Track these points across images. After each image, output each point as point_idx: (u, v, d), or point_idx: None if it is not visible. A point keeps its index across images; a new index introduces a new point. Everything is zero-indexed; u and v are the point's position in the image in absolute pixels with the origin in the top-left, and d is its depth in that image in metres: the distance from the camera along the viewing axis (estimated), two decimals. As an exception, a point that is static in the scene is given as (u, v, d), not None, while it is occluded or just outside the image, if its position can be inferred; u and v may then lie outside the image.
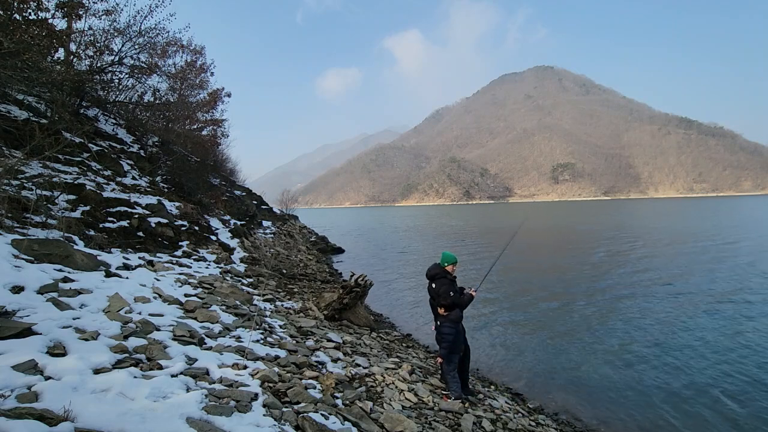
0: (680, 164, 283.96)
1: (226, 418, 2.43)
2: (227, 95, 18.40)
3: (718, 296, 10.12)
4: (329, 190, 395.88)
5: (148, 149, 13.12)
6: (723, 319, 8.34)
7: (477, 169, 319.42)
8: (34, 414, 1.88)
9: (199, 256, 8.23)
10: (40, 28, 8.02)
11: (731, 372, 5.97)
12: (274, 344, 4.49)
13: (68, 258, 4.62)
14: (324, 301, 7.83)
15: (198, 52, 16.42)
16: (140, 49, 11.03)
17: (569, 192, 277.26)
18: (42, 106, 9.11)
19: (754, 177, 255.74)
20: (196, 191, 13.14)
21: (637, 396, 5.43)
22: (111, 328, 3.36)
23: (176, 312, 4.46)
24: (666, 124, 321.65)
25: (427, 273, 4.72)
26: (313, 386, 3.50)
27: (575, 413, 5.11)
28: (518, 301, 10.52)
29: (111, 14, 10.16)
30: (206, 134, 19.12)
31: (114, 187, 8.34)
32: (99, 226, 6.85)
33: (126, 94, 13.41)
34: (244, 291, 6.74)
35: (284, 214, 29.65)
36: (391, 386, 4.20)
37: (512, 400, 5.18)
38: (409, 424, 3.28)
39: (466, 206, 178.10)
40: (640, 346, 7.07)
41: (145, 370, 2.84)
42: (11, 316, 3.06)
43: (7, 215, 5.21)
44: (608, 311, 9.25)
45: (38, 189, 6.19)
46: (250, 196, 24.23)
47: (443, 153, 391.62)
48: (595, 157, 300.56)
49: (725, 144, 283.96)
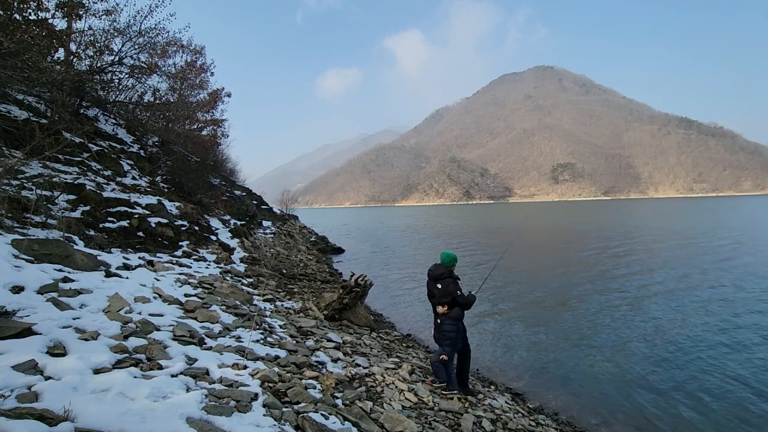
0: (680, 164, 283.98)
1: (226, 418, 2.43)
2: (227, 95, 18.41)
3: (720, 296, 10.11)
4: (329, 190, 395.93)
5: (148, 149, 13.12)
6: (724, 319, 8.33)
7: (477, 169, 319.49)
8: (34, 414, 1.88)
9: (199, 256, 8.23)
10: (40, 28, 8.02)
11: (733, 372, 5.96)
12: (274, 344, 4.49)
13: (68, 258, 4.61)
14: (324, 301, 7.83)
15: (198, 52, 16.42)
16: (140, 49, 11.03)
17: (569, 192, 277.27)
18: (42, 106, 9.11)
19: (754, 177, 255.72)
20: (196, 191, 13.14)
21: (637, 396, 5.43)
22: (111, 328, 3.36)
23: (176, 312, 4.46)
24: (666, 124, 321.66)
25: (430, 273, 4.71)
26: (313, 386, 3.50)
27: (575, 413, 5.11)
28: (518, 301, 10.52)
29: (111, 14, 10.16)
30: (206, 134, 19.11)
31: (114, 187, 8.34)
32: (99, 226, 6.85)
33: (126, 94, 13.41)
34: (244, 291, 6.74)
35: (284, 214, 29.64)
36: (391, 386, 4.20)
37: (512, 400, 5.18)
38: (409, 424, 3.28)
39: (466, 206, 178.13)
40: (641, 347, 7.07)
41: (145, 370, 2.84)
42: (11, 316, 3.06)
43: (7, 215, 5.21)
44: (608, 311, 9.25)
45: (38, 189, 6.19)
46: (250, 196, 24.23)
47: (443, 153, 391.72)
48: (595, 157, 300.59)
49: (725, 144, 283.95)
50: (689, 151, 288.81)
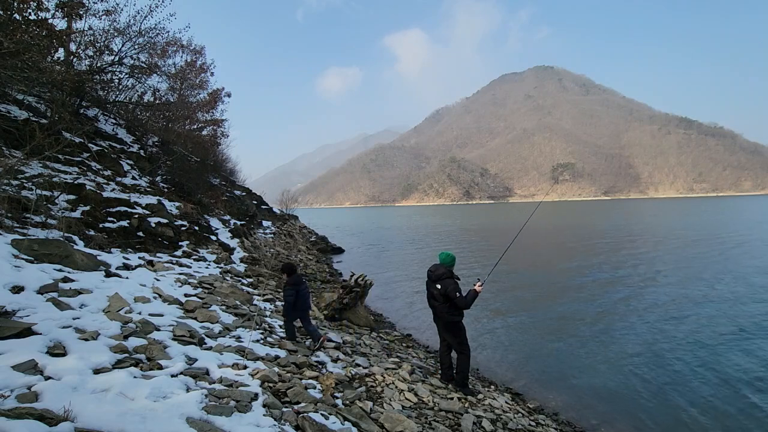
0: (680, 164, 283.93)
1: (226, 418, 2.43)
2: (227, 95, 18.39)
3: (721, 297, 10.11)
4: (329, 190, 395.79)
5: (148, 149, 13.12)
6: (727, 319, 8.33)
7: (477, 169, 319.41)
8: (34, 414, 1.88)
9: (199, 256, 8.23)
10: (40, 28, 8.01)
11: (734, 372, 5.96)
12: (274, 344, 4.49)
13: (68, 258, 4.62)
14: (324, 301, 7.83)
15: (198, 52, 16.42)
16: (140, 49, 11.03)
17: (569, 192, 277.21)
18: (42, 106, 9.11)
19: (754, 177, 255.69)
20: (196, 191, 13.14)
21: (637, 396, 5.43)
22: (111, 328, 3.36)
23: (176, 312, 4.46)
24: (666, 124, 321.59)
25: (430, 274, 4.70)
26: (313, 386, 3.50)
27: (575, 413, 5.11)
28: (518, 301, 10.52)
29: (111, 14, 10.16)
30: (206, 134, 19.11)
31: (114, 187, 8.34)
32: (99, 226, 6.85)
33: (126, 94, 13.41)
34: (244, 291, 6.75)
35: (284, 214, 29.63)
36: (391, 386, 4.20)
37: (512, 400, 5.18)
38: (409, 424, 3.28)
39: (466, 206, 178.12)
40: (641, 347, 7.06)
41: (145, 370, 2.85)
42: (11, 316, 3.06)
43: (7, 215, 5.21)
44: (608, 311, 9.25)
45: (38, 189, 6.20)
46: (250, 196, 24.23)
47: (443, 153, 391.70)
48: (595, 157, 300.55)
49: (725, 144, 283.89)
50: (689, 151, 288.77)
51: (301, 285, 4.86)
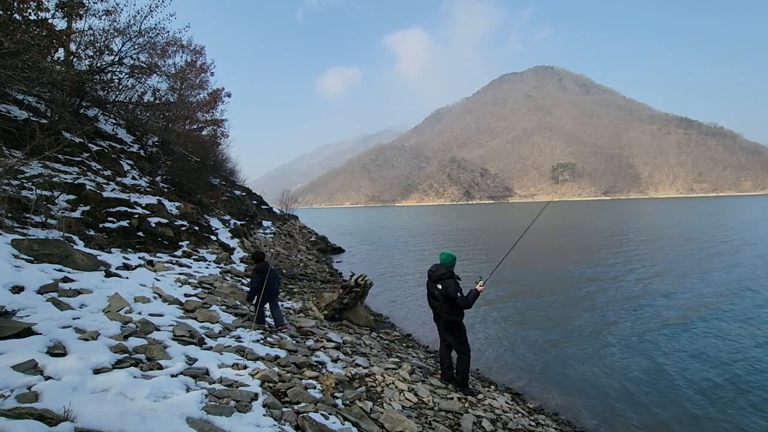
0: (680, 164, 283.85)
1: (226, 418, 2.43)
2: (227, 95, 18.40)
3: (722, 296, 10.10)
4: (329, 190, 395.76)
5: (148, 149, 13.13)
6: (727, 319, 8.33)
7: (477, 169, 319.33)
8: (34, 414, 1.88)
9: (199, 256, 8.23)
10: (40, 28, 8.01)
11: (735, 372, 5.96)
12: (274, 344, 4.49)
13: (68, 258, 4.62)
14: (324, 301, 7.83)
15: (198, 52, 16.42)
16: (140, 49, 11.04)
17: (569, 192, 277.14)
18: (42, 106, 9.11)
19: (754, 177, 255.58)
20: (196, 191, 13.14)
21: (637, 396, 5.43)
22: (111, 328, 3.36)
23: (176, 312, 4.46)
24: (666, 124, 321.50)
25: (430, 274, 4.70)
26: (313, 386, 3.50)
27: (575, 413, 5.11)
28: (519, 301, 10.51)
29: (111, 14, 10.16)
30: (206, 134, 19.11)
31: (114, 187, 8.34)
32: (99, 226, 6.85)
33: (126, 94, 13.41)
34: (244, 291, 6.74)
35: (284, 214, 29.63)
36: (391, 386, 4.20)
37: (512, 400, 5.18)
38: (409, 424, 3.28)
39: (466, 206, 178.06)
40: (641, 347, 7.06)
41: (145, 370, 2.84)
42: (11, 316, 3.06)
43: (7, 215, 5.21)
44: (608, 312, 9.24)
45: (38, 189, 6.20)
46: (250, 196, 24.23)
47: (443, 153, 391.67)
48: (595, 157, 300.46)
49: (725, 144, 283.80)
50: (689, 151, 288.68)
51: (266, 272, 5.07)
